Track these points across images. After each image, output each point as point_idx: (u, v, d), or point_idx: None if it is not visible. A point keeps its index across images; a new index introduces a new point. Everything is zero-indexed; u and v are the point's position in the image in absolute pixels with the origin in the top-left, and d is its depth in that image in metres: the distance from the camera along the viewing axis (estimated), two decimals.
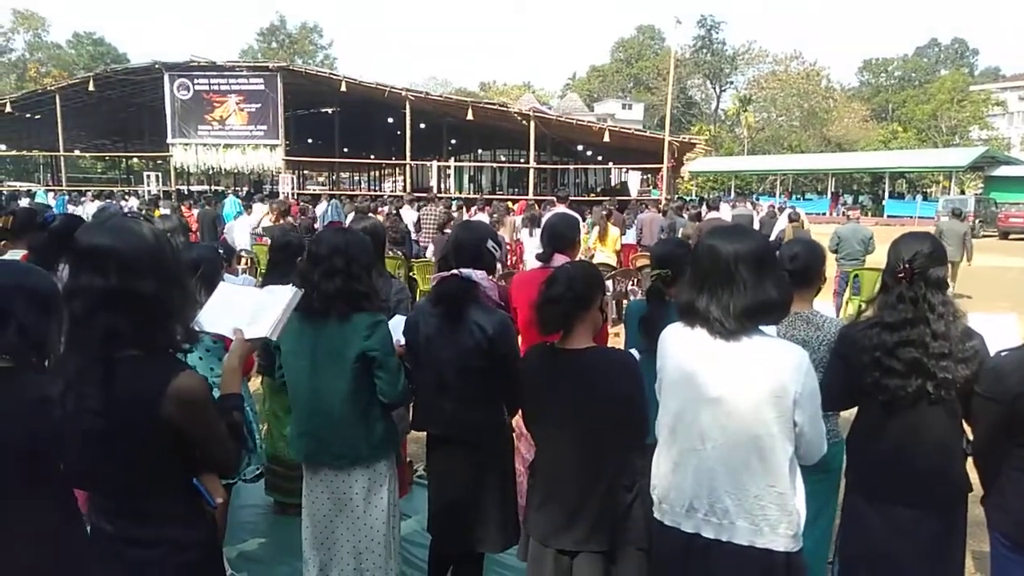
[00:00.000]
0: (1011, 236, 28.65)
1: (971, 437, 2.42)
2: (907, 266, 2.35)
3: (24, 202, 15.37)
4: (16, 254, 3.77)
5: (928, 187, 46.88)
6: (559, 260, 3.47)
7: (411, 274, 9.76)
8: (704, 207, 18.01)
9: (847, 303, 9.52)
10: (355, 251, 2.74)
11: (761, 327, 2.06)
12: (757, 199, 31.83)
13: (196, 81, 27.02)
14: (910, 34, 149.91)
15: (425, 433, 3.06)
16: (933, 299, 2.33)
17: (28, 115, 30.93)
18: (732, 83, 73.21)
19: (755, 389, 1.98)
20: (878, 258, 2.72)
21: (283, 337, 2.70)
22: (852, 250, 10.09)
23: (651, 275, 3.23)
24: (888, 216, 34.91)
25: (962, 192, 39.23)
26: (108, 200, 18.83)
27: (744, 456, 2.01)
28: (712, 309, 2.01)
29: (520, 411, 2.83)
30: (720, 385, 2.02)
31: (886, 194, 40.73)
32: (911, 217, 32.74)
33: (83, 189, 25.39)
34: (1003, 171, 38.54)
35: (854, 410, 2.60)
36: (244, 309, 2.39)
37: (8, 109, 28.71)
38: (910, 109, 64.25)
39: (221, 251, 3.91)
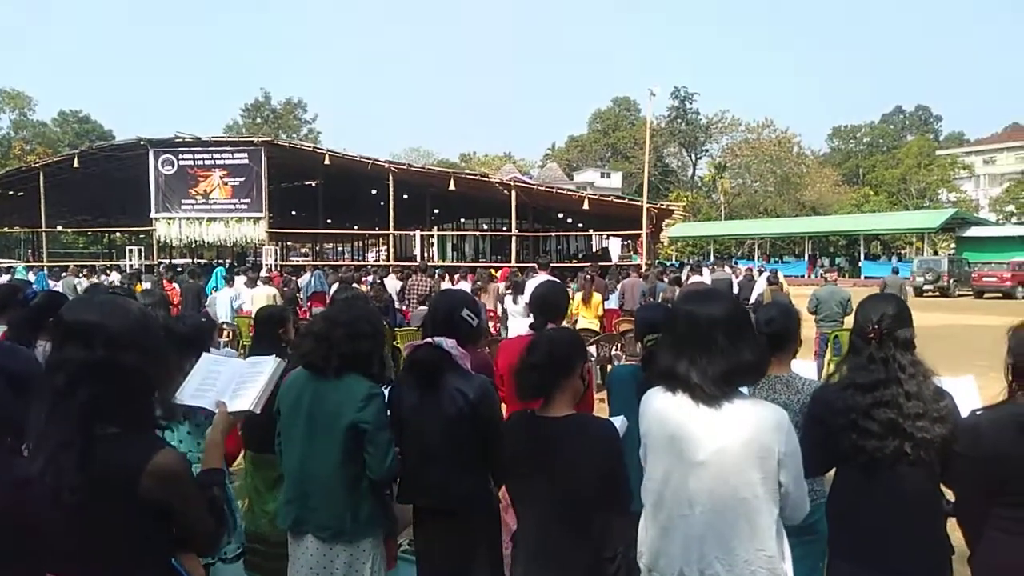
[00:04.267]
0: (985, 295, 29.10)
1: (950, 497, 2.42)
2: (875, 327, 2.39)
3: (3, 279, 15.26)
4: None
5: (902, 248, 47.85)
6: None
7: (395, 343, 9.74)
8: (686, 271, 18.26)
9: (828, 363, 9.58)
10: (361, 320, 2.81)
11: (740, 388, 2.09)
12: (736, 263, 32.28)
13: (180, 156, 27.31)
14: (876, 102, 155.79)
15: (410, 506, 3.01)
16: (903, 359, 2.36)
17: (11, 192, 30.99)
18: (707, 151, 75.13)
19: (740, 451, 1.99)
20: None
21: (283, 399, 2.70)
22: (831, 312, 10.23)
23: (646, 341, 3.24)
24: (865, 277, 35.45)
25: (935, 253, 40.04)
26: (96, 279, 18.69)
27: (732, 520, 2.01)
28: (692, 374, 2.04)
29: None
30: (705, 449, 2.03)
31: (862, 256, 41.46)
32: (905, 281, 33.21)
33: (65, 264, 25.23)
34: (974, 232, 39.56)
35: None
36: (226, 382, 2.38)
37: None
38: (880, 173, 66.16)
39: (205, 321, 3.92)
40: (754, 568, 2.00)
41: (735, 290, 14.55)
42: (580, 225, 36.14)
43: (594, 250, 35.65)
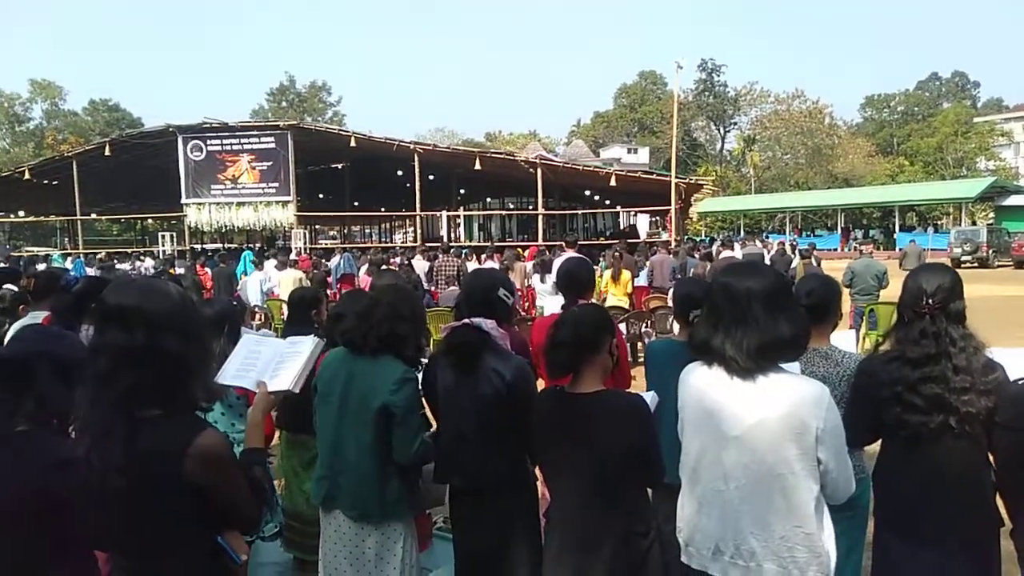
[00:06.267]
0: None
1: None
2: (929, 302, 2.33)
3: (41, 266, 15.64)
4: (37, 316, 3.82)
5: (939, 219, 46.80)
6: None
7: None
8: (716, 246, 18.08)
9: (863, 338, 9.43)
10: (402, 303, 2.83)
11: (782, 364, 2.05)
12: (767, 237, 31.85)
13: (209, 142, 27.57)
14: (910, 69, 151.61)
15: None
16: (954, 333, 2.31)
17: (46, 181, 31.59)
18: (736, 124, 73.84)
19: (775, 426, 1.97)
20: (892, 292, 2.72)
21: (320, 376, 2.73)
22: (866, 285, 10.04)
23: (692, 318, 3.21)
24: (900, 249, 34.81)
25: (973, 223, 39.10)
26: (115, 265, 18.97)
27: (768, 496, 1.99)
28: (727, 347, 2.01)
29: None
30: (740, 423, 2.01)
31: (896, 228, 40.64)
32: (924, 250, 32.62)
33: (98, 251, 25.72)
34: (1013, 200, 38.51)
35: (878, 444, 2.56)
36: (266, 362, 2.40)
37: (27, 176, 29.32)
38: (915, 143, 64.62)
39: (235, 304, 4.00)
40: (791, 545, 1.98)
41: None
42: (607, 202, 35.95)
43: (622, 227, 35.40)
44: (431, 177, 29.63)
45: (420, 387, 2.97)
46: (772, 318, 2.00)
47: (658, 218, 33.49)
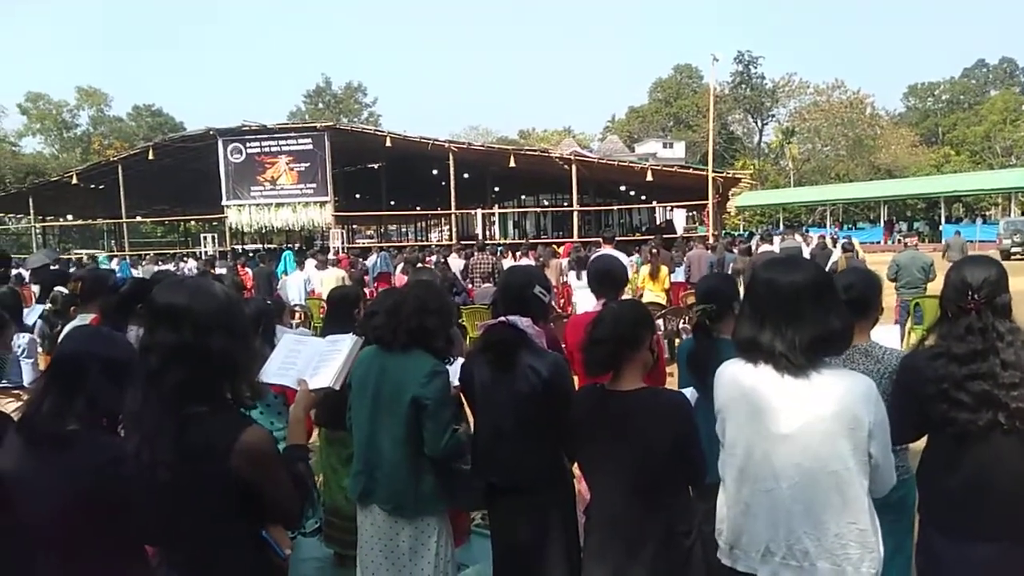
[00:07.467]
0: None
1: None
2: (975, 298, 2.27)
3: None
4: (85, 318, 3.93)
5: (987, 210, 45.41)
6: None
7: (460, 322, 9.84)
8: (755, 241, 17.82)
9: (909, 332, 9.21)
10: (430, 297, 2.87)
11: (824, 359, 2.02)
12: (807, 231, 31.26)
13: (248, 145, 28.03)
14: (955, 57, 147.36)
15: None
16: (1001, 327, 2.24)
17: (93, 186, 32.47)
18: (774, 116, 72.51)
19: (829, 423, 1.94)
20: (939, 285, 2.65)
21: (353, 374, 2.77)
22: (912, 278, 9.79)
23: (696, 310, 3.20)
24: (944, 242, 33.85)
25: (1023, 213, 37.83)
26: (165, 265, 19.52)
27: (823, 494, 1.97)
28: (777, 344, 1.98)
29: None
30: (792, 421, 1.98)
31: (942, 219, 39.54)
32: (971, 241, 31.66)
33: (143, 253, 26.39)
34: None
35: (922, 443, 2.50)
36: (307, 360, 2.45)
37: (75, 181, 30.20)
38: (961, 132, 62.85)
39: (269, 303, 4.10)
40: (845, 542, 1.96)
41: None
42: (643, 197, 35.62)
43: (658, 222, 35.05)
44: (466, 175, 29.73)
45: (457, 383, 2.99)
46: (822, 312, 1.97)
47: (695, 213, 33.12)
